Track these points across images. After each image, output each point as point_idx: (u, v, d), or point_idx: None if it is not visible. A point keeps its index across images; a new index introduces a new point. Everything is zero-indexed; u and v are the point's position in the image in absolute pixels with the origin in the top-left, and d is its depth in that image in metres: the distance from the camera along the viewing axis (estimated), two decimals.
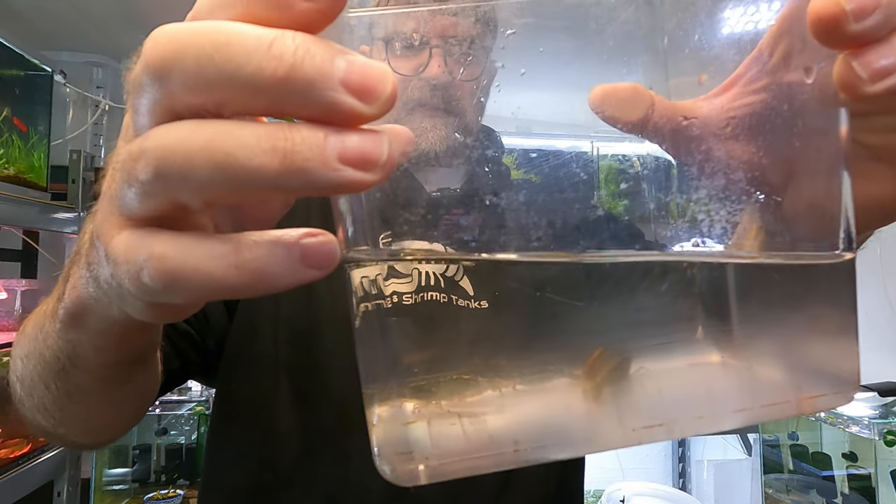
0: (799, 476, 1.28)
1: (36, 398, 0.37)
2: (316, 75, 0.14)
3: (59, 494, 1.26)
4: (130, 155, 0.16)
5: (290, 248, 0.16)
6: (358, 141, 0.15)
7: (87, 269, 0.24)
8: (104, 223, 0.18)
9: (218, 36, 0.15)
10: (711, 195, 0.22)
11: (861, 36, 0.17)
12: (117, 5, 1.33)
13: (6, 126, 1.10)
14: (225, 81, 0.15)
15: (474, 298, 0.63)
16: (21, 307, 1.37)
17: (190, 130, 0.15)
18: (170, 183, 0.16)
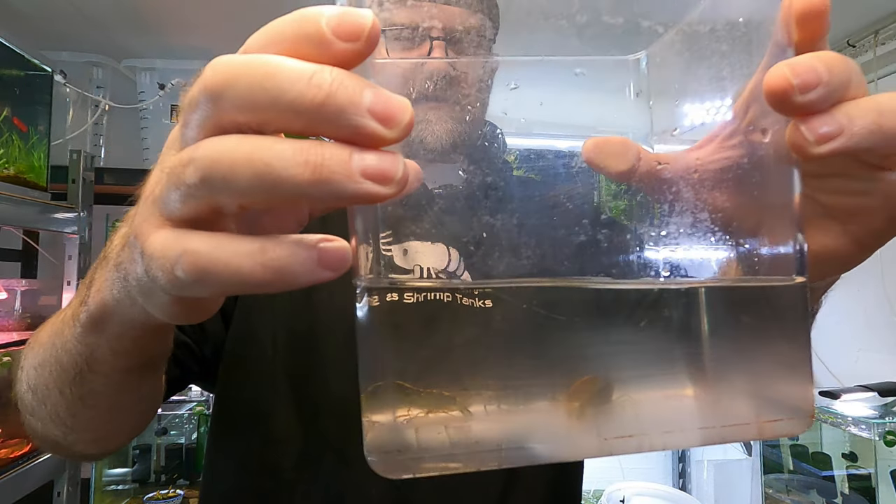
0: (799, 476, 1.28)
1: (49, 405, 0.38)
2: (347, 103, 0.17)
3: (59, 494, 1.26)
4: (180, 161, 0.19)
5: (309, 249, 0.19)
6: (378, 159, 0.17)
7: (115, 270, 0.26)
8: (143, 223, 0.20)
9: (268, 67, 0.18)
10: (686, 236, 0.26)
11: (807, 106, 0.20)
12: (117, 5, 1.33)
13: (6, 126, 1.10)
14: (270, 104, 0.17)
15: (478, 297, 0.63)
16: (21, 307, 1.37)
17: (235, 143, 0.18)
18: (214, 187, 0.18)
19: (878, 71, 1.39)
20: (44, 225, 1.24)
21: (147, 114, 1.55)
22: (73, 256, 1.33)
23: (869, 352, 1.45)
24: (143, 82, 1.54)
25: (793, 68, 0.20)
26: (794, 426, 0.23)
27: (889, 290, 1.37)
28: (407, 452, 0.21)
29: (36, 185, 1.19)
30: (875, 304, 1.42)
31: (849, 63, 0.22)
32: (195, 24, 1.43)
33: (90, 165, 1.38)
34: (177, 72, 1.53)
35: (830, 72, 0.20)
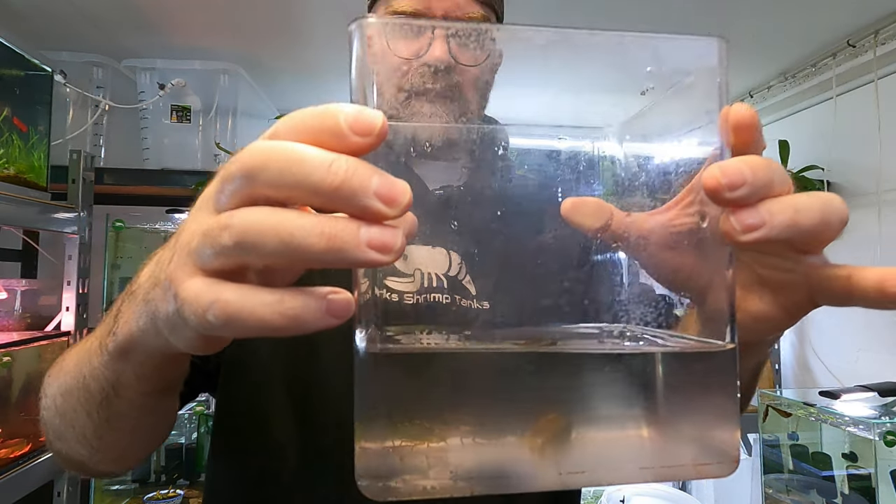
0: (799, 476, 1.28)
1: (77, 428, 0.43)
2: (358, 188, 0.21)
3: (59, 494, 1.26)
4: (218, 224, 0.23)
5: (319, 301, 0.22)
6: (381, 233, 0.21)
7: (143, 304, 0.30)
8: (178, 270, 0.24)
9: (295, 154, 0.22)
10: (642, 294, 0.31)
11: (735, 201, 0.25)
12: (117, 5, 1.33)
13: (6, 126, 1.10)
14: (296, 185, 0.22)
15: (476, 298, 0.63)
16: (21, 307, 1.37)
17: (265, 215, 0.22)
18: (245, 250, 0.22)
19: (877, 71, 1.39)
20: (44, 225, 1.24)
21: (147, 114, 1.54)
22: (73, 256, 1.33)
23: (869, 352, 1.45)
24: (143, 82, 1.54)
25: (723, 170, 0.25)
26: (722, 469, 0.27)
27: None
28: (392, 478, 0.25)
29: (36, 185, 1.19)
30: None
31: (772, 165, 0.26)
32: (195, 24, 1.43)
33: (90, 165, 1.38)
34: (177, 72, 1.52)
35: (755, 174, 0.25)
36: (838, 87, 1.51)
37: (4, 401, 1.12)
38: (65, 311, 1.33)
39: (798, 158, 1.63)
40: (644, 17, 1.34)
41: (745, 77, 1.71)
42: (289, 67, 1.70)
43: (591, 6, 1.30)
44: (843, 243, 1.09)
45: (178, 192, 1.58)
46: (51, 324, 1.34)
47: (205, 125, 1.56)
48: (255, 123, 1.75)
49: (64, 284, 1.33)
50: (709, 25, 1.38)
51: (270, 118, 1.81)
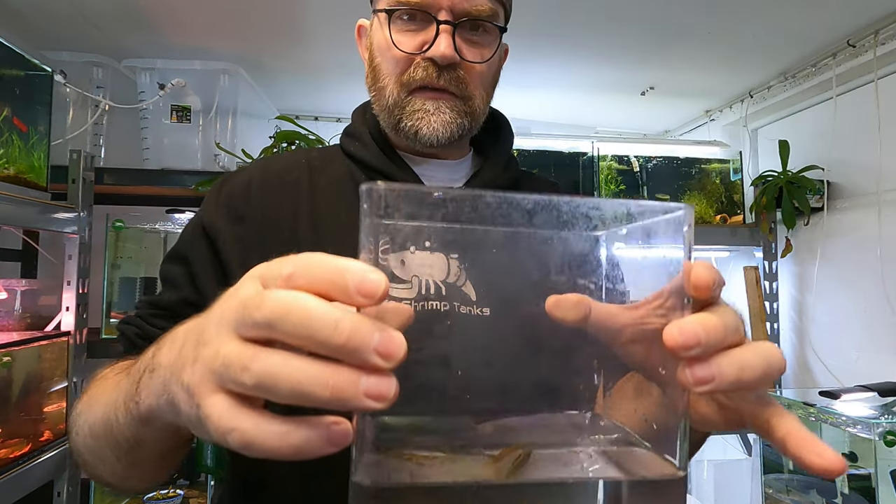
0: (799, 476, 1.28)
1: (107, 465, 0.49)
2: (360, 346, 0.25)
3: (59, 494, 1.26)
4: (241, 364, 0.26)
5: (321, 432, 0.26)
6: (378, 382, 0.25)
7: (164, 390, 0.33)
8: (203, 385, 0.28)
9: (308, 311, 0.25)
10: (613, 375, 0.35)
11: (690, 357, 0.29)
12: (117, 5, 1.33)
13: (6, 126, 1.10)
14: (307, 339, 0.25)
15: (476, 304, 0.63)
16: (21, 307, 1.37)
17: (280, 365, 0.26)
18: (260, 389, 0.26)
19: (878, 71, 1.39)
20: (44, 225, 1.24)
21: (147, 114, 1.54)
22: (73, 256, 1.33)
23: (869, 352, 1.45)
24: (143, 82, 1.54)
25: (681, 331, 0.29)
26: None
27: (889, 290, 1.37)
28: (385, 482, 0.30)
29: (36, 185, 1.19)
30: (875, 305, 1.42)
31: (726, 323, 0.30)
32: (195, 24, 1.43)
33: (90, 165, 1.38)
34: (177, 72, 1.52)
35: (708, 335, 0.29)
36: (838, 87, 1.51)
37: (4, 401, 1.12)
38: (65, 311, 1.33)
39: (798, 158, 1.63)
40: (644, 17, 1.34)
41: (745, 77, 1.71)
42: (289, 67, 1.70)
43: (591, 6, 1.29)
44: (843, 243, 1.10)
45: (178, 192, 1.58)
46: (51, 324, 1.34)
47: (205, 125, 1.56)
48: (255, 123, 1.74)
49: (64, 284, 1.33)
50: (709, 25, 1.38)
51: (270, 118, 1.81)
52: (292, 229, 0.67)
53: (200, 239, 0.68)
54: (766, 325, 1.68)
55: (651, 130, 2.29)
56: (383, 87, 0.68)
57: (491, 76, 0.72)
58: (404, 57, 0.66)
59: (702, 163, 1.78)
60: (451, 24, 0.64)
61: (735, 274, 1.88)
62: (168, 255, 0.72)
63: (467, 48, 0.66)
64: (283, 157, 0.77)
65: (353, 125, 0.77)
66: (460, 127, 0.68)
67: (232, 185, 0.71)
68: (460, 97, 0.67)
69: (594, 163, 1.71)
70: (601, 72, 1.69)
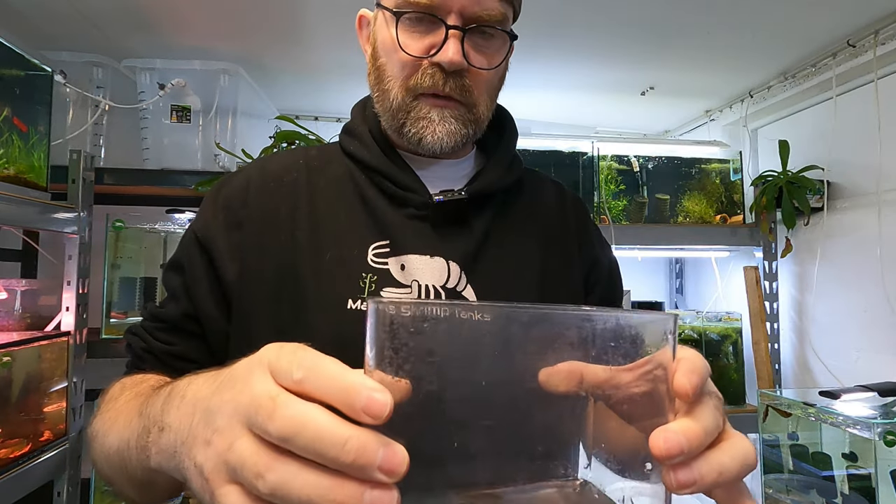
0: (799, 476, 1.28)
1: (125, 491, 0.53)
2: (366, 463, 0.27)
3: (59, 494, 1.26)
4: (257, 472, 0.28)
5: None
6: (380, 497, 0.27)
7: (174, 459, 0.35)
8: (216, 473, 0.30)
9: (318, 430, 0.27)
10: None
11: (676, 465, 0.32)
12: (117, 5, 1.33)
13: (6, 126, 1.10)
14: (319, 455, 0.27)
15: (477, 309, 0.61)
16: (21, 307, 1.37)
17: (292, 477, 0.28)
18: (273, 497, 0.28)
19: (878, 71, 1.39)
20: (44, 225, 1.24)
21: (147, 114, 1.54)
22: (73, 256, 1.33)
23: (869, 352, 1.45)
24: (143, 82, 1.54)
25: (665, 440, 0.31)
26: None
27: (889, 290, 1.37)
28: None
29: (36, 185, 1.19)
30: (875, 304, 1.42)
31: (706, 428, 0.33)
32: (195, 24, 1.43)
33: (90, 165, 1.38)
34: (177, 72, 1.52)
35: (690, 444, 0.31)
36: (838, 87, 1.51)
37: (4, 401, 1.12)
38: (65, 311, 1.33)
39: (798, 158, 1.63)
40: (644, 17, 1.34)
41: (745, 77, 1.71)
42: (289, 67, 1.70)
43: (591, 6, 1.29)
44: (843, 243, 1.10)
45: (178, 192, 1.58)
46: (51, 324, 1.34)
47: (205, 125, 1.56)
48: (255, 123, 1.74)
49: (64, 284, 1.33)
50: (709, 25, 1.38)
51: (270, 118, 1.81)
52: (291, 231, 0.66)
53: (195, 248, 0.68)
54: (766, 325, 1.68)
55: (651, 130, 2.29)
56: (388, 90, 0.67)
57: (497, 81, 0.70)
58: (411, 60, 0.64)
59: (702, 163, 1.78)
60: (460, 30, 0.62)
61: (735, 274, 1.88)
62: (168, 262, 0.72)
63: (475, 54, 0.65)
64: (281, 156, 0.75)
65: (352, 123, 0.75)
66: (464, 136, 0.67)
67: (229, 189, 0.70)
68: (465, 105, 0.66)
69: (594, 163, 1.71)
70: (601, 72, 1.69)
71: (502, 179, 0.72)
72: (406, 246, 0.65)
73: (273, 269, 0.65)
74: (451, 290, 0.65)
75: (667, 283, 2.34)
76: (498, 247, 0.69)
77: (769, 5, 1.27)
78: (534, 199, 0.77)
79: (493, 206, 0.71)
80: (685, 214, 1.76)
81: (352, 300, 0.63)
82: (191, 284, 0.67)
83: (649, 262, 2.32)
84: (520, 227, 0.72)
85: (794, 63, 1.60)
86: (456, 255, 0.66)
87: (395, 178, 0.68)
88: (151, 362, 0.67)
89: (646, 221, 1.71)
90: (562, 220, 0.77)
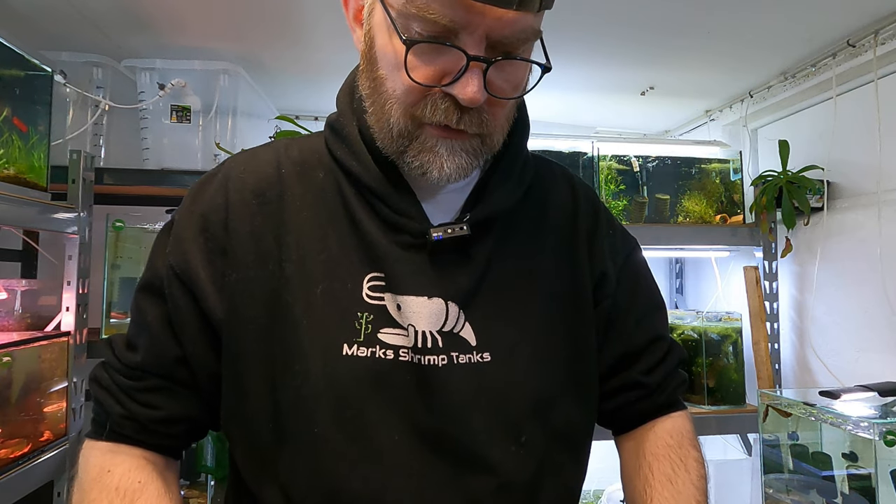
0: (799, 476, 1.28)
1: None
2: None
3: (60, 494, 1.26)
4: None
5: None
6: None
7: None
8: None
9: None
10: None
11: None
12: (117, 5, 1.33)
13: (6, 126, 1.10)
14: None
15: (476, 350, 0.60)
16: (21, 307, 1.36)
17: None
18: None
19: (877, 71, 1.39)
20: (44, 225, 1.24)
21: (147, 114, 1.54)
22: (73, 256, 1.33)
23: (869, 352, 1.45)
24: (143, 82, 1.54)
25: None
26: None
27: (889, 290, 1.37)
28: None
29: (36, 185, 1.19)
30: (875, 304, 1.42)
31: None
32: (195, 24, 1.43)
33: (90, 165, 1.38)
34: (177, 72, 1.52)
35: None
36: (838, 87, 1.51)
37: (4, 401, 1.11)
38: (65, 311, 1.33)
39: (798, 158, 1.63)
40: (644, 17, 1.34)
41: (745, 77, 1.71)
42: (289, 67, 1.70)
43: (591, 6, 1.29)
44: (843, 243, 1.10)
45: (178, 192, 1.57)
46: (51, 324, 1.34)
47: (205, 125, 1.56)
48: (255, 123, 1.74)
49: (64, 284, 1.33)
50: (709, 25, 1.38)
51: (270, 118, 1.81)
52: (278, 261, 0.59)
53: (175, 284, 0.59)
54: (766, 325, 1.68)
55: (651, 130, 2.29)
56: (387, 111, 0.56)
57: (519, 105, 0.61)
58: (418, 87, 0.52)
59: (702, 163, 1.78)
60: (484, 62, 0.50)
61: (735, 274, 1.88)
62: (142, 283, 0.62)
63: (498, 81, 0.53)
64: (259, 162, 0.64)
65: (339, 119, 0.64)
66: (476, 167, 0.58)
67: (206, 208, 0.61)
68: (480, 136, 0.56)
69: (594, 163, 1.71)
70: (601, 72, 1.68)
71: (509, 198, 0.63)
72: (403, 285, 0.58)
73: (262, 304, 0.58)
74: (448, 332, 0.58)
75: (667, 283, 2.34)
76: (499, 273, 0.62)
77: (769, 5, 1.27)
78: (541, 208, 0.68)
79: (495, 228, 0.63)
80: (685, 214, 1.76)
81: (347, 345, 0.56)
82: (182, 321, 0.59)
83: (649, 261, 2.31)
84: (523, 248, 0.64)
85: (793, 63, 1.60)
86: (455, 293, 0.59)
87: (390, 202, 0.59)
88: (132, 429, 0.60)
89: (646, 221, 1.71)
90: (572, 227, 0.69)
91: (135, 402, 0.59)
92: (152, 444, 0.61)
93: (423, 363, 0.57)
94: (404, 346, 0.57)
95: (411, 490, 0.55)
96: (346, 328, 0.57)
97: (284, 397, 0.56)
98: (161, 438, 0.61)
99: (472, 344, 0.59)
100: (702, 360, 1.66)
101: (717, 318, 1.70)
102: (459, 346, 0.58)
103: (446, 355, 0.58)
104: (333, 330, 0.57)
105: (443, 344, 0.58)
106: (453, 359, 0.58)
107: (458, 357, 0.58)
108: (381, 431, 0.55)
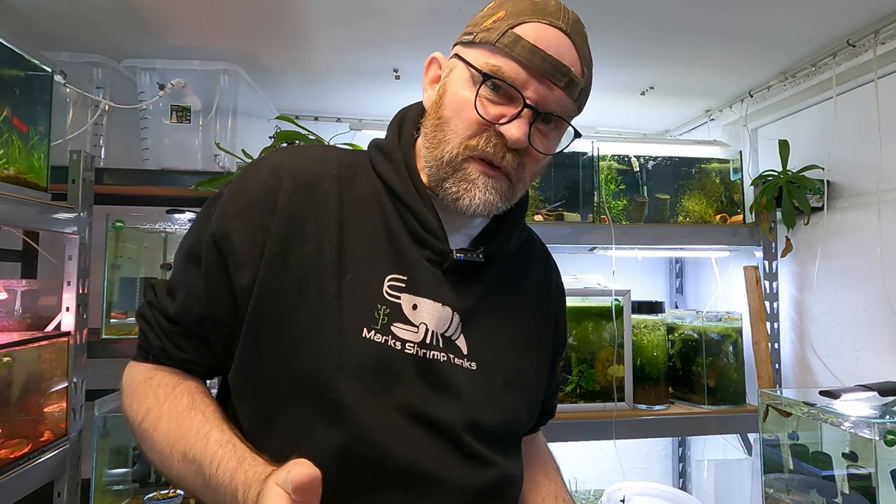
0: (799, 476, 1.28)
1: None
2: None
3: (60, 494, 1.26)
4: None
5: None
6: None
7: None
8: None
9: None
10: None
11: None
12: (117, 5, 1.33)
13: (6, 126, 1.10)
14: None
15: (467, 358, 0.71)
16: (21, 307, 1.37)
17: None
18: None
19: (878, 71, 1.39)
20: (44, 225, 1.24)
21: (147, 114, 1.54)
22: (73, 256, 1.33)
23: (869, 352, 1.45)
24: (143, 82, 1.54)
25: None
26: None
27: (889, 290, 1.37)
28: None
29: (36, 185, 1.19)
30: (875, 304, 1.42)
31: None
32: (195, 24, 1.43)
33: (90, 165, 1.38)
34: (177, 72, 1.52)
35: None
36: (838, 86, 1.51)
37: (5, 401, 1.12)
38: (65, 311, 1.33)
39: (798, 158, 1.63)
40: (644, 16, 1.34)
41: (745, 77, 1.71)
42: (289, 68, 1.70)
43: (591, 6, 1.29)
44: (843, 243, 1.10)
45: (177, 192, 1.58)
46: (51, 324, 1.34)
47: (205, 125, 1.56)
48: (255, 123, 1.74)
49: (64, 284, 1.33)
50: (709, 25, 1.38)
51: (270, 118, 1.81)
52: (319, 244, 0.67)
53: (212, 249, 0.67)
54: (766, 324, 1.68)
55: (651, 130, 2.29)
56: (445, 141, 0.68)
57: (544, 167, 0.74)
58: (481, 123, 0.67)
59: (702, 162, 1.78)
60: (534, 111, 0.66)
61: (735, 273, 1.88)
62: (186, 250, 0.71)
63: (538, 137, 0.68)
64: (313, 159, 0.73)
65: (387, 143, 0.75)
66: (497, 209, 0.70)
67: (257, 186, 0.68)
68: (511, 180, 0.69)
69: (594, 163, 1.71)
70: (601, 72, 1.68)
71: (511, 245, 0.78)
72: (423, 289, 0.69)
73: (295, 280, 0.65)
74: (448, 337, 0.70)
75: (667, 283, 2.34)
76: (494, 302, 0.75)
77: (769, 5, 1.27)
78: (526, 263, 0.84)
79: (495, 265, 0.76)
80: (685, 214, 1.76)
81: (367, 329, 0.65)
82: (209, 286, 0.67)
83: (649, 261, 2.32)
84: (513, 287, 0.79)
85: (793, 63, 1.60)
86: (461, 307, 0.71)
87: (421, 219, 0.70)
88: (167, 362, 0.71)
89: (646, 221, 1.71)
90: (545, 287, 0.85)
91: (169, 341, 0.70)
92: (185, 370, 0.72)
93: (428, 357, 0.68)
94: (411, 341, 0.68)
95: (412, 455, 0.64)
96: (368, 315, 0.66)
97: (304, 364, 0.64)
98: (190, 366, 0.72)
99: (464, 352, 0.71)
100: (702, 360, 1.66)
101: (717, 317, 1.70)
102: (454, 351, 0.70)
103: (445, 355, 0.69)
104: (359, 314, 0.66)
105: (443, 345, 0.69)
106: (451, 359, 0.69)
107: (453, 358, 0.70)
108: (382, 408, 0.64)
